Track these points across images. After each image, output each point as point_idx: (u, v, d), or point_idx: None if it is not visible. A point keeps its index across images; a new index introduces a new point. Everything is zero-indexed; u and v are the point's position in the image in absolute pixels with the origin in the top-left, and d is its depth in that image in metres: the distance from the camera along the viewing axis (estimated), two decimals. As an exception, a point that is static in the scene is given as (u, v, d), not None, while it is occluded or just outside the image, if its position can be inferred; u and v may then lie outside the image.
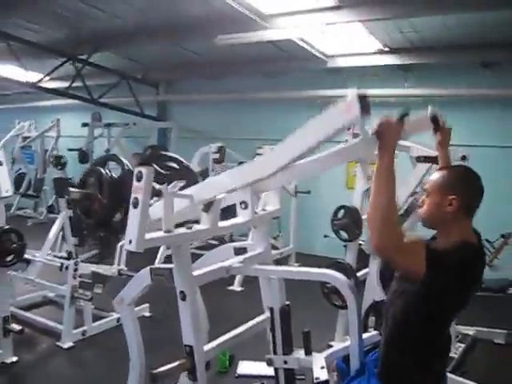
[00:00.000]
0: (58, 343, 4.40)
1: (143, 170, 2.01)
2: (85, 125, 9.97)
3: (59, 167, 10.10)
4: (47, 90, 8.71)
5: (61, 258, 4.99)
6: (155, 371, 2.18)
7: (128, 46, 7.77)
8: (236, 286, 6.29)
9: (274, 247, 4.85)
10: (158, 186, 2.13)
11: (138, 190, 2.02)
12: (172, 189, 2.19)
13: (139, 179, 2.02)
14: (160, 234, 2.13)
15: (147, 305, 5.06)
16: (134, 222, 2.01)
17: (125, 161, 2.61)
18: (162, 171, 2.85)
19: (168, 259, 6.12)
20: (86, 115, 10.11)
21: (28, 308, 5.17)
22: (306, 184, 7.53)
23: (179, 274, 2.25)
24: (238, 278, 6.30)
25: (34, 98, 11.06)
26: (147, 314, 5.03)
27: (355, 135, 3.40)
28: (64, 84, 8.85)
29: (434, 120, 2.39)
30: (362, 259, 4.15)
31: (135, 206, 2.02)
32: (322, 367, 2.14)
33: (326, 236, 6.36)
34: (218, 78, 9.06)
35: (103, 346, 4.51)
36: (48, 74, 8.51)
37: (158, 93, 10.12)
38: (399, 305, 2.00)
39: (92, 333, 4.64)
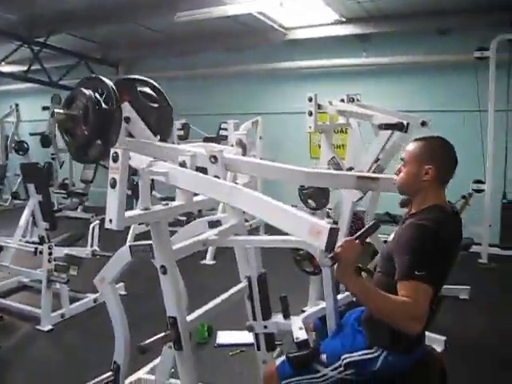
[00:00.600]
0: (37, 327, 4.45)
1: (119, 151, 2.07)
2: (45, 108, 9.85)
3: (21, 153, 10.05)
4: (4, 75, 8.56)
5: (33, 243, 4.99)
6: (142, 343, 2.26)
7: (85, 27, 7.63)
8: (208, 260, 6.41)
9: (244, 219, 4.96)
10: (133, 165, 2.20)
11: (114, 170, 2.08)
12: (148, 167, 2.25)
13: (115, 160, 2.07)
14: (138, 212, 2.19)
15: (122, 284, 5.12)
16: (113, 202, 2.07)
17: (109, 83, 2.50)
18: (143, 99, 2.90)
19: (138, 237, 6.20)
20: (45, 99, 9.98)
21: (3, 295, 5.19)
22: (270, 153, 7.63)
23: (159, 249, 2.32)
24: (210, 252, 6.41)
25: (-9, 84, 10.86)
26: (123, 292, 5.10)
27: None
28: (22, 68, 8.73)
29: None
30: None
31: (113, 187, 2.07)
32: (301, 328, 2.26)
33: (293, 206, 6.50)
34: (179, 56, 9.01)
35: (82, 327, 4.58)
36: (4, 59, 8.37)
37: (118, 72, 10.00)
38: (384, 280, 2.09)
39: (70, 314, 4.70)
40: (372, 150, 4.15)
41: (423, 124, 4.18)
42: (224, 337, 4.19)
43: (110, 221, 2.07)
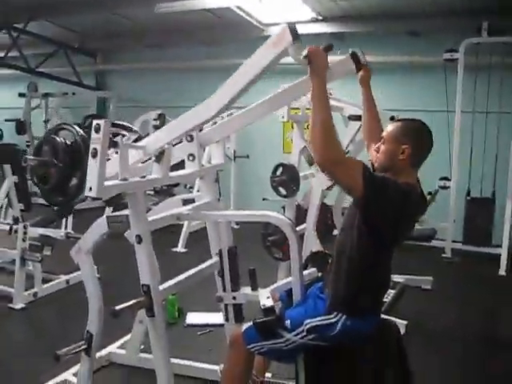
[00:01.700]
0: (10, 305, 4.50)
1: (101, 122, 2.19)
2: (21, 95, 9.82)
3: (-5, 138, 10.02)
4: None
5: (8, 224, 5.05)
6: (116, 307, 2.37)
7: (64, 15, 7.66)
8: (180, 248, 6.51)
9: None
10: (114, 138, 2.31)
11: (96, 140, 2.19)
12: (127, 141, 2.37)
13: (97, 131, 2.18)
14: (117, 181, 2.31)
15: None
16: (93, 171, 2.18)
17: (77, 128, 2.76)
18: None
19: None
20: (21, 86, 9.92)
21: (-25, 275, 5.23)
22: (244, 149, 7.78)
23: (135, 219, 2.44)
24: (181, 240, 6.52)
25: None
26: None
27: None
28: (-1, 54, 8.72)
29: (354, 57, 2.56)
30: (300, 215, 4.40)
31: (94, 156, 2.18)
32: (268, 297, 2.39)
33: (264, 199, 6.64)
34: (157, 47, 9.07)
35: (55, 306, 4.65)
36: (-19, 44, 8.36)
37: (96, 62, 10.04)
38: (344, 239, 2.29)
39: (43, 294, 4.77)
40: (341, 141, 4.30)
41: (392, 119, 4.33)
42: (193, 317, 4.32)
43: (90, 189, 2.18)
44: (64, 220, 5.07)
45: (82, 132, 2.72)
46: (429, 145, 2.28)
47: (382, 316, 2.53)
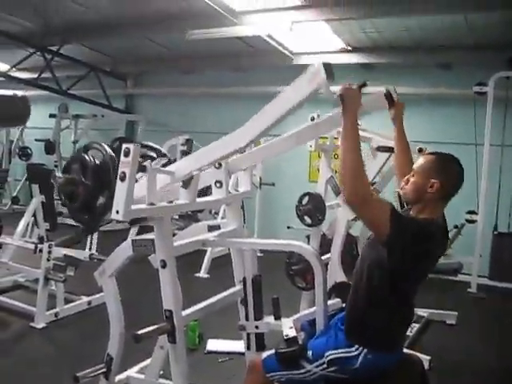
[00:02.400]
0: (31, 324, 4.51)
1: (130, 146, 2.21)
2: (52, 116, 10.01)
3: (24, 158, 10.19)
4: (17, 80, 8.70)
5: (33, 243, 5.10)
6: (138, 332, 2.37)
7: (98, 38, 7.86)
8: (203, 273, 6.49)
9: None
10: (143, 163, 2.32)
11: (125, 164, 2.21)
12: (155, 165, 2.39)
13: (126, 155, 2.20)
14: (144, 206, 2.32)
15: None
16: (121, 194, 2.20)
17: (106, 147, 2.78)
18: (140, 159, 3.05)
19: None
20: (52, 107, 10.14)
21: (-1, 292, 5.27)
22: (270, 177, 7.78)
23: (160, 244, 2.44)
24: (204, 265, 6.50)
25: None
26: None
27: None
28: (32, 75, 8.89)
29: (388, 96, 2.61)
30: (325, 245, 4.37)
31: (122, 180, 2.20)
32: (291, 327, 2.37)
33: (289, 227, 6.64)
34: (186, 72, 9.20)
35: (76, 326, 4.65)
36: (16, 65, 8.54)
37: (127, 85, 10.20)
38: (364, 273, 2.26)
39: (64, 314, 4.77)
40: (369, 172, 4.27)
41: (420, 151, 4.31)
42: (214, 344, 4.27)
43: (117, 212, 2.19)
44: (88, 241, 5.10)
45: (111, 151, 2.73)
46: (459, 181, 2.26)
47: (405, 350, 2.48)
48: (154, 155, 3.23)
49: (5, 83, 9.00)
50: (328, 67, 2.01)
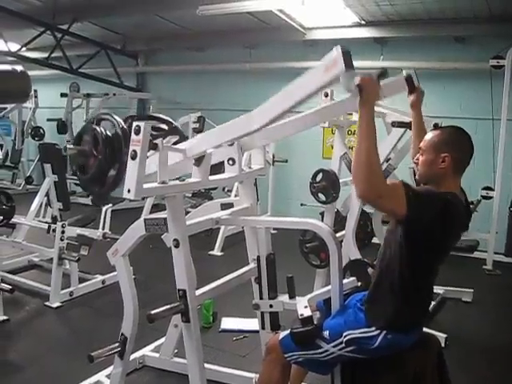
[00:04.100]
0: (46, 303, 4.54)
1: (141, 124, 2.16)
2: (63, 95, 10.00)
3: (37, 138, 10.20)
4: (27, 60, 8.65)
5: (46, 222, 5.11)
6: (152, 312, 2.35)
7: (108, 16, 7.77)
8: (216, 251, 6.49)
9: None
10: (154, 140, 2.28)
11: (136, 142, 2.17)
12: (167, 143, 2.34)
13: (137, 133, 2.16)
14: (156, 184, 2.28)
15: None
16: (132, 173, 2.16)
17: (118, 119, 2.74)
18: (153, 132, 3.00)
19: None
20: (63, 86, 10.15)
21: (14, 272, 5.29)
22: (283, 154, 7.72)
23: (173, 222, 2.41)
24: (218, 244, 6.49)
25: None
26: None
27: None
28: (42, 55, 8.85)
29: (409, 81, 2.56)
30: (339, 222, 4.32)
31: (133, 158, 2.16)
32: (306, 306, 2.33)
33: (302, 204, 6.59)
34: (197, 49, 9.10)
35: (90, 305, 4.67)
36: (26, 44, 8.49)
37: (138, 63, 10.12)
38: (388, 254, 2.22)
39: (79, 293, 4.80)
40: (383, 148, 4.19)
41: (435, 126, 4.23)
42: (228, 323, 4.27)
43: (129, 190, 2.16)
44: (101, 220, 5.09)
45: (122, 123, 2.67)
46: (469, 150, 2.21)
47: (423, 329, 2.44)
48: (165, 127, 3.17)
49: (16, 63, 8.94)
50: (347, 56, 1.90)
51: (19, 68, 6.80)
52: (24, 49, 8.71)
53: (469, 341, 4.11)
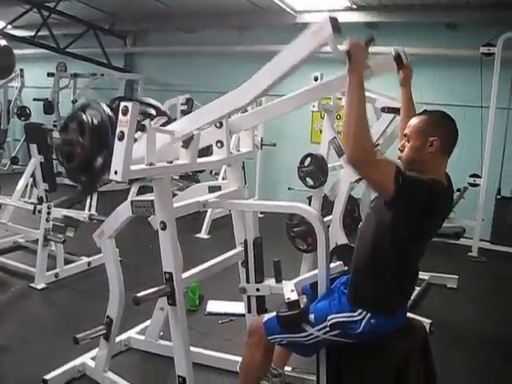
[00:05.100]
0: (31, 285, 4.52)
1: (129, 104, 2.13)
2: (50, 75, 9.86)
3: (23, 118, 10.06)
4: (13, 38, 8.48)
5: (32, 203, 5.05)
6: (138, 294, 2.34)
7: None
8: (203, 234, 6.47)
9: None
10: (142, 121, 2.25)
11: (123, 123, 2.14)
12: (155, 125, 2.31)
13: (125, 113, 2.13)
14: (143, 166, 2.26)
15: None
16: (119, 154, 2.13)
17: (104, 106, 2.70)
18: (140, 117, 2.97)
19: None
20: (50, 66, 9.98)
21: (-2, 253, 5.26)
22: (271, 137, 7.68)
23: (160, 205, 2.39)
24: (205, 226, 6.48)
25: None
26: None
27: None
28: (28, 33, 8.70)
29: (398, 58, 2.53)
30: (327, 207, 4.32)
31: (121, 139, 2.13)
32: (292, 290, 2.33)
33: (290, 188, 6.58)
34: (186, 31, 8.99)
35: (76, 287, 4.65)
36: (12, 22, 8.35)
37: (126, 44, 9.99)
38: (369, 236, 2.21)
39: (64, 275, 4.77)
40: (372, 134, 4.19)
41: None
42: (214, 306, 4.27)
43: (116, 172, 2.13)
44: (88, 202, 5.05)
45: (109, 111, 2.64)
46: (455, 133, 2.22)
47: (408, 315, 2.45)
48: (154, 113, 3.13)
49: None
50: (334, 22, 1.90)
51: (2, 42, 6.66)
52: (10, 26, 8.56)
53: (453, 326, 4.14)
